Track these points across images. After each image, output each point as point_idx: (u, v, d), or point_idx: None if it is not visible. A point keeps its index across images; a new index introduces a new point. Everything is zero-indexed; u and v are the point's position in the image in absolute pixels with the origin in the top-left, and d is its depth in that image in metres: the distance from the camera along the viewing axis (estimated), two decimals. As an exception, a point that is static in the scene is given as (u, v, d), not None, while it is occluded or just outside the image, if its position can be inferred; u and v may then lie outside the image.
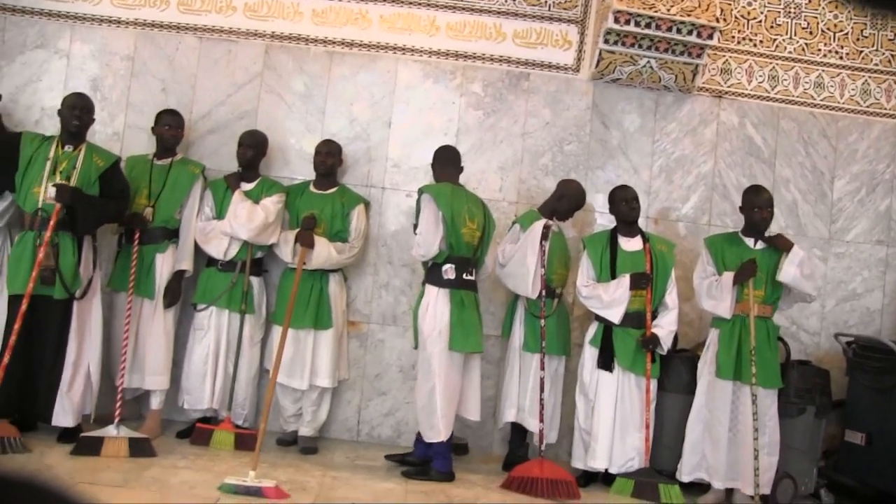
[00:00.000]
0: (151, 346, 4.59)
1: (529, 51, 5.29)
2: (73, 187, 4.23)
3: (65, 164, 4.32)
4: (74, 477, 3.72)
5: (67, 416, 4.24)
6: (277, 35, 5.24)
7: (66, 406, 4.23)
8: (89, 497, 0.58)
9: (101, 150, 4.50)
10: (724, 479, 4.40)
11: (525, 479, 4.23)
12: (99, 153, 4.44)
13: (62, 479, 3.66)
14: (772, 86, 5.38)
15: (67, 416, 4.24)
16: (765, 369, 4.33)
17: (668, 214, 5.30)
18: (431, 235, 4.29)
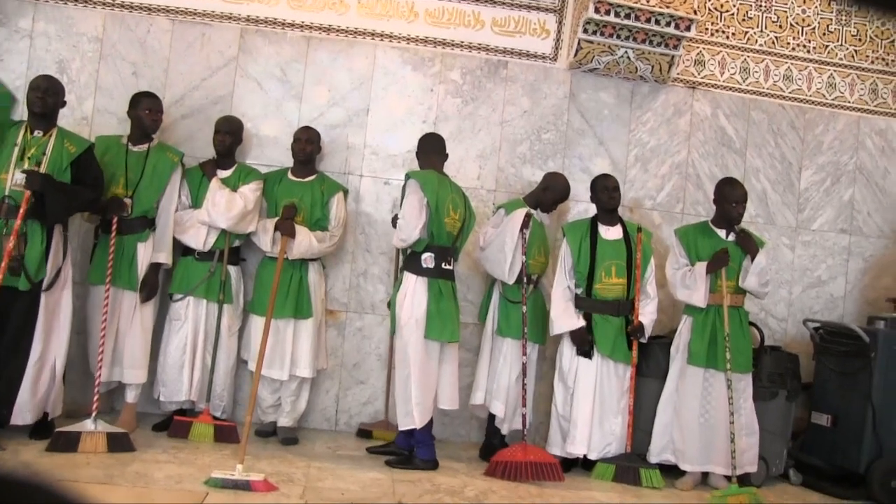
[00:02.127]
0: (131, 339, 4.46)
1: (508, 39, 5.28)
2: (43, 174, 4.06)
3: (34, 149, 4.15)
4: (54, 474, 3.61)
5: (27, 414, 4.05)
6: (253, 19, 5.13)
7: (28, 403, 4.05)
8: (76, 495, 0.58)
9: (73, 135, 4.33)
10: (694, 462, 4.52)
11: (509, 463, 4.27)
12: (71, 139, 4.26)
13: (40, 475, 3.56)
14: (743, 78, 5.49)
15: (27, 414, 4.05)
16: (738, 355, 4.45)
17: (643, 203, 5.37)
18: (414, 220, 4.27)
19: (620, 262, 4.66)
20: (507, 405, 4.62)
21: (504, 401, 4.60)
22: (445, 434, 4.94)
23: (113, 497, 3.47)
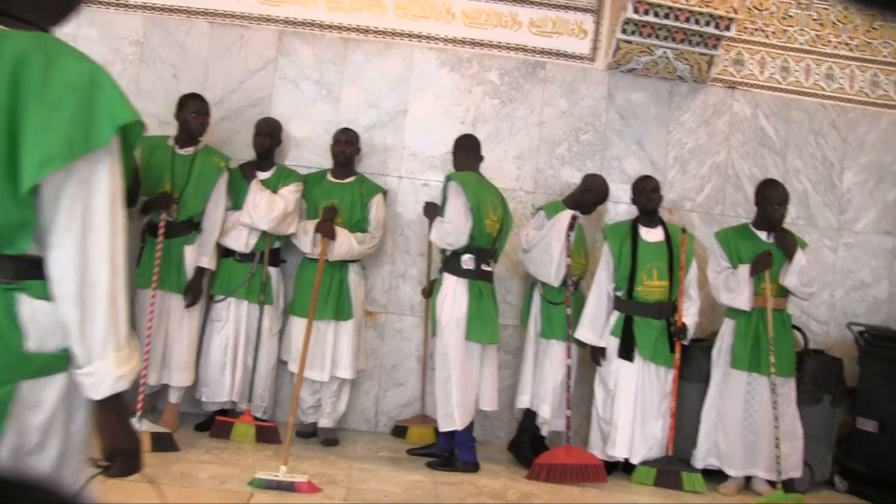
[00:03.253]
0: (178, 342, 4.47)
1: (545, 39, 5.26)
2: None
3: None
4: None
5: None
6: (291, 21, 5.15)
7: None
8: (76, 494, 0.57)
9: None
10: (738, 467, 4.47)
11: (553, 466, 4.25)
12: None
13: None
14: (783, 77, 5.43)
15: None
16: (782, 359, 4.40)
17: (682, 204, 5.33)
18: (462, 225, 4.27)
19: (662, 264, 4.62)
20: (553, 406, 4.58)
21: (551, 403, 4.56)
22: (485, 436, 4.91)
23: (158, 496, 3.49)
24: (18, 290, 1.33)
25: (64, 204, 1.30)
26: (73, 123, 1.27)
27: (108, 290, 1.34)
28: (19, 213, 1.29)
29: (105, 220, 1.33)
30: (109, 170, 1.34)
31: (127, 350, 1.37)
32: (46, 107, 1.27)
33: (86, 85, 1.31)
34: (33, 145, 1.25)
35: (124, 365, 1.36)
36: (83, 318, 1.32)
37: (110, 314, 1.34)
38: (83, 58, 1.35)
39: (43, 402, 1.35)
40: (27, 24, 1.33)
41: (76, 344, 1.34)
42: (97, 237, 1.32)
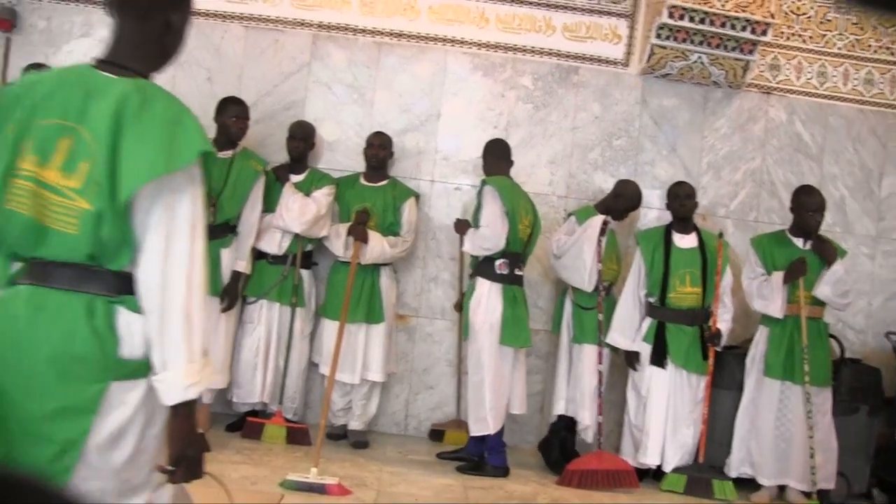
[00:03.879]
0: (214, 345, 4.47)
1: (579, 44, 5.24)
2: None
3: None
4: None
5: None
6: (325, 25, 5.18)
7: None
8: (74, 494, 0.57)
9: None
10: (770, 476, 4.42)
11: (584, 472, 4.23)
12: None
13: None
14: (821, 82, 5.36)
15: None
16: (816, 368, 4.33)
17: (716, 210, 5.28)
18: (500, 229, 4.28)
19: (695, 270, 4.58)
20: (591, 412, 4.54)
21: (590, 408, 4.51)
22: (514, 440, 4.89)
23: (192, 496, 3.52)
24: (118, 302, 1.52)
25: (151, 227, 1.49)
26: (159, 150, 1.49)
27: (182, 306, 1.49)
28: (120, 231, 1.49)
29: (184, 242, 1.51)
30: (191, 198, 1.53)
31: (199, 363, 1.52)
32: (139, 137, 1.49)
33: (172, 120, 1.53)
34: (127, 167, 1.47)
35: (194, 375, 1.51)
36: (161, 329, 1.49)
37: (184, 328, 1.49)
38: (173, 99, 1.59)
39: (127, 403, 1.52)
40: (131, 72, 1.58)
41: (154, 353, 1.51)
42: (176, 258, 1.50)
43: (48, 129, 1.51)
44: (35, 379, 1.48)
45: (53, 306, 1.50)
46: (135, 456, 1.55)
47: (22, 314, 1.50)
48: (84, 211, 1.48)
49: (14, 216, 1.52)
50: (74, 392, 1.49)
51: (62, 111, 1.52)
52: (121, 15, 1.62)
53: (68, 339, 1.49)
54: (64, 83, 1.57)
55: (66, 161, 1.50)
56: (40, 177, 1.51)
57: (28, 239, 1.52)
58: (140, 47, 1.62)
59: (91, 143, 1.49)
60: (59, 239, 1.51)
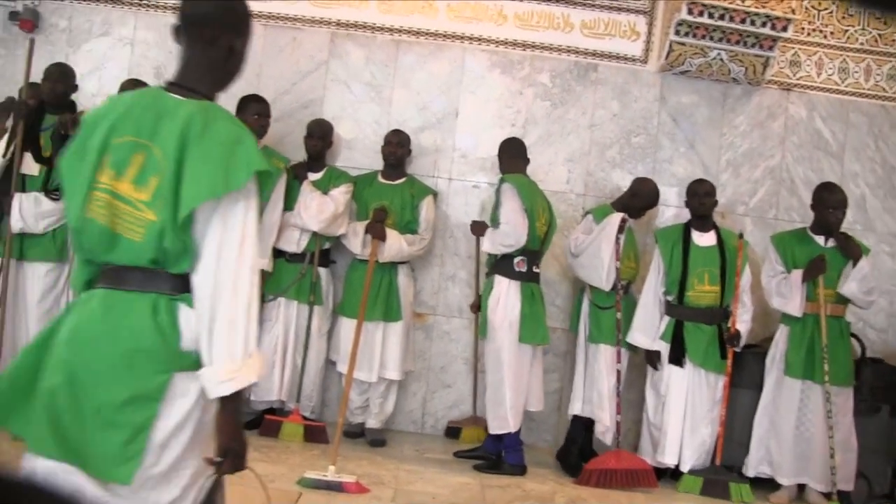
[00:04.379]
0: None
1: (597, 41, 5.22)
2: None
3: None
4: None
5: None
6: (343, 23, 5.19)
7: None
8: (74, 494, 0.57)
9: None
10: (790, 475, 4.38)
11: (603, 471, 4.22)
12: None
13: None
14: (842, 78, 5.30)
15: None
16: (837, 368, 4.29)
17: (735, 208, 5.24)
18: (521, 226, 4.27)
19: (714, 269, 4.54)
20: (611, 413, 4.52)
21: (609, 409, 4.48)
22: (531, 439, 4.89)
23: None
24: (180, 300, 1.68)
25: (207, 237, 1.65)
26: (218, 170, 1.63)
27: (227, 309, 1.63)
28: (181, 241, 1.64)
29: (233, 253, 1.64)
30: (243, 211, 1.66)
31: (237, 361, 1.63)
32: (201, 157, 1.64)
33: (231, 142, 1.66)
34: (189, 185, 1.62)
35: (231, 374, 1.63)
36: (208, 330, 1.63)
37: (227, 329, 1.62)
38: (233, 121, 1.75)
39: (189, 393, 1.67)
40: (197, 94, 1.74)
41: (203, 348, 1.65)
42: (225, 266, 1.64)
43: (124, 145, 1.69)
44: (109, 371, 1.64)
45: (123, 306, 1.68)
46: (192, 445, 1.68)
47: (97, 314, 1.68)
48: (150, 222, 1.65)
49: (92, 224, 1.69)
50: (143, 382, 1.64)
51: (136, 129, 1.69)
52: (189, 42, 1.78)
53: (136, 335, 1.66)
54: (138, 104, 1.73)
55: (138, 175, 1.67)
56: (115, 189, 1.68)
57: (101, 245, 1.70)
58: (206, 71, 1.78)
59: (160, 160, 1.65)
60: (126, 245, 1.67)
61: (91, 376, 1.64)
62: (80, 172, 1.71)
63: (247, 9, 1.85)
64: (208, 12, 1.78)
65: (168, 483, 1.67)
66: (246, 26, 1.84)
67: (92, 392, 1.64)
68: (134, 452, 1.61)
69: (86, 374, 1.64)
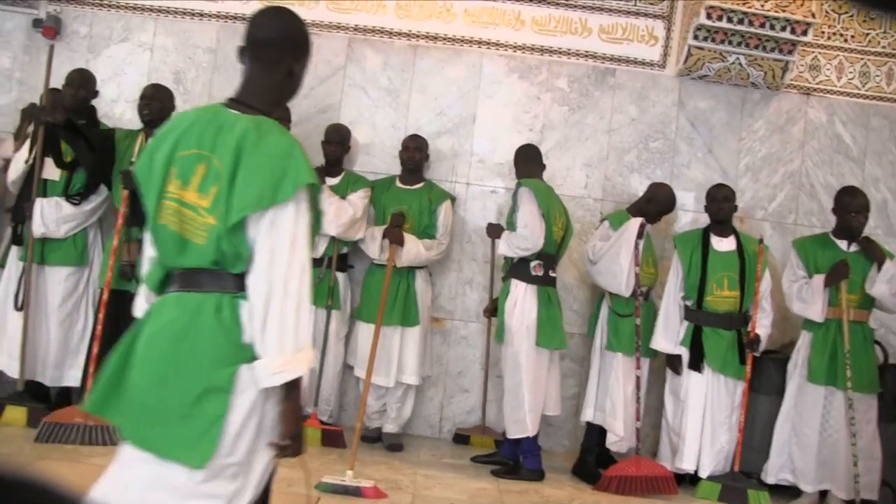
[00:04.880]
0: None
1: (615, 46, 5.21)
2: None
3: None
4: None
5: None
6: (361, 28, 5.21)
7: None
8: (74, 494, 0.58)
9: None
10: (813, 482, 4.34)
11: (623, 478, 4.20)
12: None
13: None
14: (863, 82, 5.26)
15: None
16: (860, 374, 4.25)
17: (754, 213, 5.21)
18: (538, 229, 4.27)
19: (733, 274, 4.52)
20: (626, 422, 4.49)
21: (623, 419, 4.46)
22: (549, 444, 4.88)
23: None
24: (240, 297, 1.81)
25: (259, 242, 1.77)
26: (266, 183, 1.75)
27: (279, 308, 1.75)
28: (236, 246, 1.78)
29: (284, 256, 1.76)
30: (293, 219, 1.77)
31: (288, 355, 1.75)
32: (252, 169, 1.76)
33: (282, 155, 1.79)
34: (239, 194, 1.76)
35: (282, 366, 1.75)
36: (261, 327, 1.75)
37: (278, 326, 1.75)
38: (285, 135, 1.87)
39: (254, 385, 1.78)
40: (254, 110, 1.88)
41: (256, 342, 1.77)
42: (276, 269, 1.75)
43: (188, 157, 1.84)
44: (184, 368, 1.80)
45: (191, 306, 1.82)
46: (260, 434, 1.81)
47: (170, 316, 1.84)
48: (211, 226, 1.79)
49: (165, 230, 1.85)
50: (213, 375, 1.78)
51: (199, 142, 1.83)
52: (251, 62, 1.93)
53: (203, 332, 1.80)
54: (200, 119, 1.88)
55: (201, 184, 1.82)
56: (182, 197, 1.83)
57: (173, 249, 1.85)
58: (265, 91, 1.94)
59: (219, 170, 1.79)
60: (193, 248, 1.83)
61: (168, 373, 1.80)
62: (151, 183, 1.87)
63: (307, 35, 1.97)
64: (272, 37, 1.91)
65: (242, 471, 1.80)
66: (305, 52, 1.96)
67: (170, 387, 1.79)
68: (209, 443, 1.75)
69: (164, 371, 1.81)
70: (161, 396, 1.80)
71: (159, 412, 1.80)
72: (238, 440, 1.79)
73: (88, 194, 4.42)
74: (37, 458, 3.66)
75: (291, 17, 1.97)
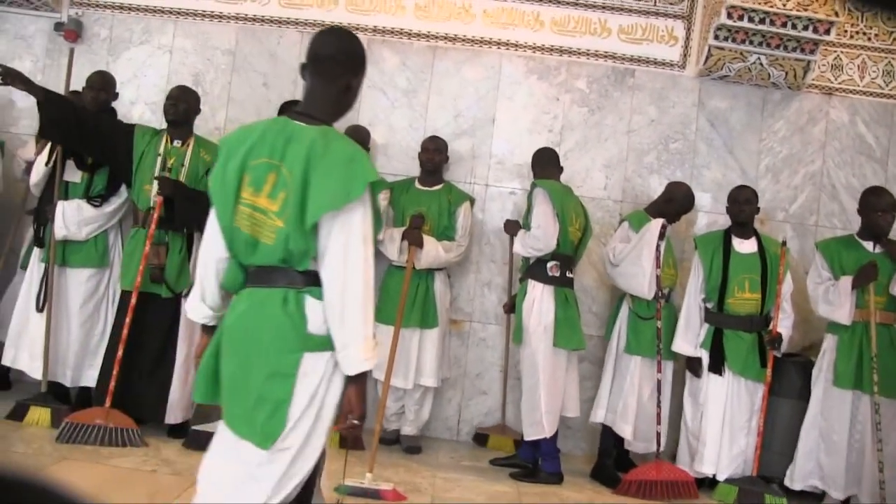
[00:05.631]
0: None
1: (635, 47, 5.18)
2: (174, 180, 4.26)
3: (173, 159, 4.34)
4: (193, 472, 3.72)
5: (178, 413, 4.30)
6: (380, 29, 5.20)
7: (178, 403, 4.29)
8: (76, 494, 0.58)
9: (209, 143, 4.46)
10: (842, 489, 4.27)
11: (643, 482, 4.17)
12: (207, 147, 4.42)
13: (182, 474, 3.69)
14: (886, 81, 5.20)
15: (178, 412, 4.30)
16: (887, 378, 4.19)
17: (775, 214, 5.16)
18: (551, 230, 4.27)
19: (755, 276, 4.48)
20: (636, 426, 4.47)
21: (632, 422, 4.44)
22: (567, 447, 4.86)
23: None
24: (306, 292, 2.00)
25: (333, 239, 1.95)
26: (338, 184, 1.94)
27: (360, 300, 1.94)
28: (306, 244, 1.97)
29: (358, 250, 1.95)
30: (362, 216, 1.97)
31: (371, 342, 1.95)
32: (323, 174, 1.95)
33: (348, 160, 1.98)
34: (314, 198, 1.94)
35: (368, 352, 1.95)
36: (342, 317, 1.93)
37: (360, 314, 1.94)
38: (348, 142, 2.07)
39: (316, 370, 1.98)
40: (317, 121, 2.06)
41: (336, 333, 1.95)
42: (352, 262, 1.94)
43: (260, 166, 2.03)
44: (257, 355, 1.99)
45: (262, 300, 2.02)
46: (321, 416, 2.00)
47: (245, 309, 2.05)
48: (279, 228, 1.98)
49: (239, 232, 2.05)
50: (280, 361, 1.97)
51: (269, 152, 2.02)
52: (313, 77, 2.11)
53: (272, 323, 1.99)
54: (270, 130, 2.07)
55: (271, 190, 2.00)
56: (254, 202, 2.02)
57: (246, 249, 2.05)
58: (326, 103, 2.11)
59: (288, 178, 1.98)
60: (263, 248, 2.02)
61: (246, 361, 2.01)
62: (226, 190, 2.05)
63: (364, 52, 2.15)
64: (332, 54, 2.09)
65: (305, 450, 1.98)
66: (362, 67, 2.15)
67: (248, 374, 2.00)
68: (277, 423, 1.94)
69: (240, 358, 2.02)
70: (240, 381, 2.01)
71: (240, 395, 2.00)
72: (298, 425, 1.96)
73: (109, 196, 4.44)
74: (58, 459, 3.68)
75: (350, 36, 2.17)
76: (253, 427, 1.96)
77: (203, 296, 2.18)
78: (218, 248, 2.12)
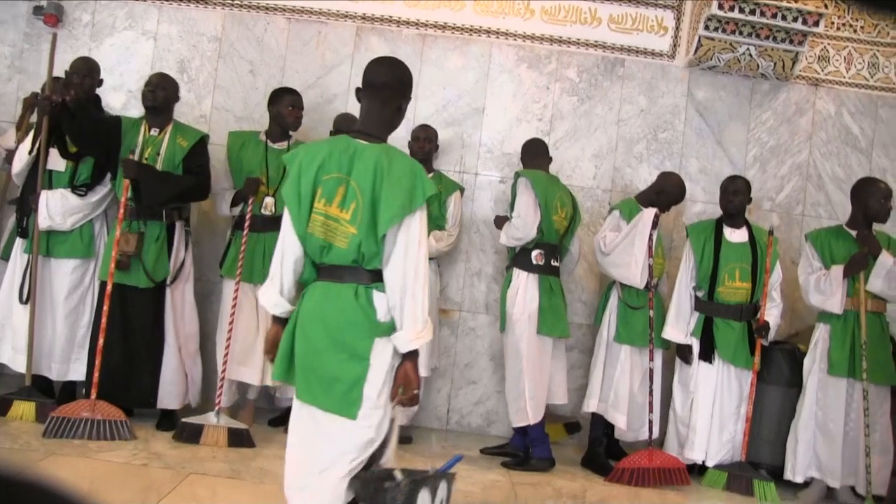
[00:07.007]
0: (255, 341, 4.44)
1: (625, 36, 5.17)
2: (137, 162, 4.15)
3: (150, 149, 4.25)
4: (185, 466, 3.70)
5: (172, 400, 4.25)
6: (369, 17, 5.15)
7: (171, 389, 4.24)
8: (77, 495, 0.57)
9: (187, 129, 4.39)
10: (841, 478, 4.30)
11: (635, 470, 4.19)
12: (184, 133, 4.33)
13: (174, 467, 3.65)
14: (871, 73, 5.25)
15: (172, 399, 4.25)
16: (877, 365, 4.24)
17: (762, 204, 5.20)
18: (531, 219, 4.29)
19: (745, 265, 4.51)
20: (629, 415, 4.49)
21: (626, 412, 4.46)
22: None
23: (242, 493, 3.52)
24: (373, 287, 2.33)
25: (397, 242, 2.30)
26: (404, 196, 2.28)
27: (413, 291, 2.28)
28: (376, 247, 2.31)
29: (414, 251, 2.31)
30: (420, 222, 2.33)
31: (422, 327, 2.29)
32: (391, 187, 2.29)
33: (411, 174, 2.33)
34: (385, 209, 2.28)
35: (418, 335, 2.29)
36: (402, 305, 2.28)
37: (413, 304, 2.28)
38: (407, 158, 2.44)
39: (386, 352, 2.33)
40: (375, 139, 2.40)
41: (397, 319, 2.30)
42: (409, 261, 2.29)
43: (331, 180, 2.35)
44: (333, 340, 2.31)
45: (336, 293, 2.34)
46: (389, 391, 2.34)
47: (320, 300, 2.35)
48: (352, 234, 2.31)
49: (313, 238, 2.34)
50: (355, 345, 2.31)
51: (338, 167, 2.34)
52: (369, 101, 2.44)
53: (347, 312, 2.32)
54: (336, 148, 2.37)
55: (341, 201, 2.33)
56: (327, 212, 2.33)
57: (319, 251, 2.35)
58: (380, 123, 2.45)
59: (356, 190, 2.31)
60: (336, 251, 2.33)
61: (322, 344, 2.32)
62: (301, 201, 2.34)
63: (412, 78, 2.49)
64: (386, 81, 2.42)
65: (381, 419, 2.32)
66: (410, 91, 2.50)
67: (324, 355, 2.32)
68: (353, 401, 2.29)
69: (319, 342, 2.33)
70: (317, 362, 2.32)
71: (318, 375, 2.31)
72: (377, 397, 2.30)
73: (94, 185, 4.34)
74: (46, 454, 3.61)
75: (400, 65, 2.49)
76: (337, 402, 2.28)
77: (282, 290, 2.41)
78: (296, 249, 2.39)
